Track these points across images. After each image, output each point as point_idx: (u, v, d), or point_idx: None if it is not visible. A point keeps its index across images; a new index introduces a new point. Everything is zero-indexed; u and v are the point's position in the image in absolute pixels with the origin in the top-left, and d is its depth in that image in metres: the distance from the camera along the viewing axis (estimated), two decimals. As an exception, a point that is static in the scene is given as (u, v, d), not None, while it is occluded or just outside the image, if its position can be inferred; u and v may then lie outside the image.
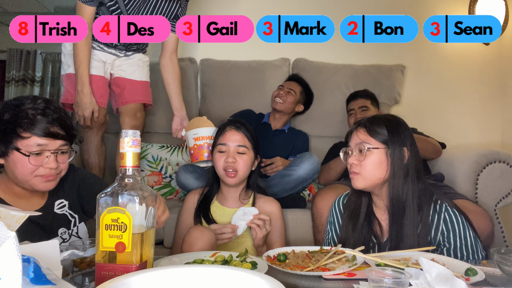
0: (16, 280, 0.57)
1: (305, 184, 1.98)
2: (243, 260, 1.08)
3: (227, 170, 1.52)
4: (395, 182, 1.27)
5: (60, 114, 1.18)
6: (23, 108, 1.13)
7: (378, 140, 1.29)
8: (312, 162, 1.95)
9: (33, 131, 1.12)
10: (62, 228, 1.34)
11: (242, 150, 1.54)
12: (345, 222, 1.38)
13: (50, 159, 1.14)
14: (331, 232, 1.45)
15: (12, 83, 6.58)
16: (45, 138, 1.13)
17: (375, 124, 1.31)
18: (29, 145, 1.13)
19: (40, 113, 1.13)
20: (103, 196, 0.84)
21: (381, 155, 1.28)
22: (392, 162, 1.27)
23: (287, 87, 2.40)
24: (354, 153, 1.31)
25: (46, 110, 1.15)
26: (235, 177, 1.53)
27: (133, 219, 0.82)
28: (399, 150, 1.27)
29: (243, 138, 1.56)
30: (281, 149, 2.28)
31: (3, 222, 0.93)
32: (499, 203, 2.00)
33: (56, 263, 0.83)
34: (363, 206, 1.37)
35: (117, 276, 0.75)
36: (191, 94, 2.57)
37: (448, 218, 1.27)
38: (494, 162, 1.99)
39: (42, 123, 1.13)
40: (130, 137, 0.84)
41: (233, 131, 1.57)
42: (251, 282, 0.75)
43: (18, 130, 1.12)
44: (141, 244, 0.83)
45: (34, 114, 1.12)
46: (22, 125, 1.11)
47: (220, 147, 1.56)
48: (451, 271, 0.84)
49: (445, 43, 2.77)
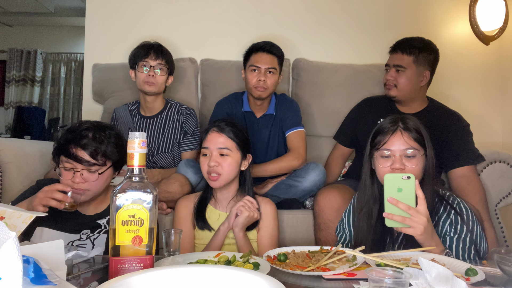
0: (16, 280, 0.57)
1: (310, 195, 1.97)
2: (246, 260, 1.08)
3: (210, 174, 1.51)
4: (428, 184, 1.31)
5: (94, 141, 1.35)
6: (69, 130, 1.40)
7: (420, 144, 1.33)
8: (318, 174, 1.93)
9: (63, 153, 1.36)
10: (86, 230, 1.39)
11: (224, 152, 1.52)
12: (361, 220, 1.39)
13: (75, 175, 1.34)
14: (347, 229, 1.48)
15: (12, 83, 6.59)
16: (70, 159, 1.34)
17: (413, 126, 1.34)
18: (62, 162, 1.37)
19: (71, 139, 1.35)
20: (118, 194, 0.89)
21: (423, 159, 1.33)
22: (427, 165, 1.32)
23: (264, 66, 2.06)
24: (400, 159, 1.31)
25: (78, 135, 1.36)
26: (217, 180, 1.50)
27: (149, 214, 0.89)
28: (431, 152, 1.33)
29: (226, 140, 1.53)
30: (272, 138, 2.17)
31: (8, 223, 0.94)
32: (499, 203, 2.00)
33: (61, 263, 0.84)
34: (375, 204, 1.38)
35: (119, 276, 0.75)
36: (191, 94, 2.57)
37: (459, 210, 1.31)
38: (495, 162, 1.99)
39: (70, 147, 1.34)
40: (139, 138, 0.91)
41: (214, 134, 1.54)
42: (251, 282, 0.75)
43: (57, 151, 1.38)
44: (155, 236, 0.91)
45: (66, 139, 1.36)
46: (59, 147, 1.37)
47: (204, 151, 1.55)
48: (451, 271, 0.84)
49: (445, 42, 2.78)
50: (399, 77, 2.01)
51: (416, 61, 2.01)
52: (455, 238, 1.28)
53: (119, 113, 2.25)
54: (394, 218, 1.17)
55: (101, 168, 1.37)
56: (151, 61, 2.09)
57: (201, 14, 2.72)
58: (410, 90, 2.03)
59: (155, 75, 2.09)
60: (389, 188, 1.19)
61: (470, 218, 1.31)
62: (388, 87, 2.06)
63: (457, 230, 1.29)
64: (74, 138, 1.35)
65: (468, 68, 2.82)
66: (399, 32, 2.49)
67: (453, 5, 2.80)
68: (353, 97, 2.39)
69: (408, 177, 1.17)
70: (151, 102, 2.18)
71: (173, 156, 2.20)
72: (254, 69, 2.07)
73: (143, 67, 2.09)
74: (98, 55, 2.65)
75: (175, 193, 1.80)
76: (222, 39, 2.72)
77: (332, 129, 2.43)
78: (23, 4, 5.73)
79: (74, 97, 6.77)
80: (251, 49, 2.14)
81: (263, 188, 1.99)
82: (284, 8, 2.76)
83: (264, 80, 2.04)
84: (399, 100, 2.07)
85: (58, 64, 6.80)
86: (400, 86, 2.02)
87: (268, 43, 2.13)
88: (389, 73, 2.05)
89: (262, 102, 2.15)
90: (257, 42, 2.15)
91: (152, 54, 2.10)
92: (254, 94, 2.09)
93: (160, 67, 2.10)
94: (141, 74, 2.09)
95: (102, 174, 1.38)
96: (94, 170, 1.36)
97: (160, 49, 2.14)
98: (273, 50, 2.10)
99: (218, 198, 1.59)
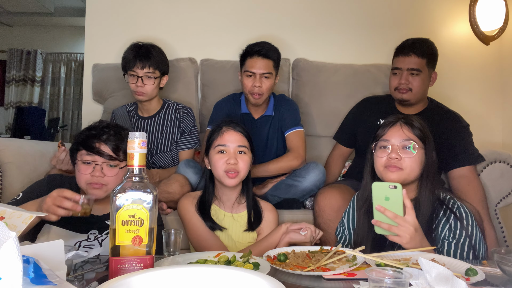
0: (16, 280, 0.57)
1: (310, 194, 1.97)
2: (246, 260, 1.08)
3: (228, 171, 1.49)
4: (427, 181, 1.32)
5: (115, 138, 1.40)
6: (89, 128, 1.45)
7: (421, 140, 1.33)
8: (317, 173, 1.93)
9: (85, 147, 1.40)
10: (94, 230, 1.39)
11: (242, 150, 1.52)
12: (361, 218, 1.40)
13: (96, 169, 1.38)
14: (347, 230, 1.48)
15: (12, 83, 6.59)
16: (92, 153, 1.38)
17: (417, 122, 1.35)
18: (82, 155, 1.41)
19: (93, 135, 1.40)
20: (118, 194, 0.89)
21: (422, 155, 1.32)
22: (426, 162, 1.32)
23: (260, 72, 2.04)
24: (398, 149, 1.32)
25: (100, 131, 1.41)
26: (235, 177, 1.49)
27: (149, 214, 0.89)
28: (431, 152, 1.33)
29: (242, 138, 1.54)
30: (271, 139, 2.16)
31: (8, 223, 0.94)
32: (499, 203, 2.00)
33: (61, 263, 0.84)
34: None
35: (119, 276, 0.75)
36: (191, 94, 2.57)
37: (459, 215, 1.30)
38: (495, 162, 1.99)
39: (93, 141, 1.39)
40: (139, 138, 0.91)
41: (231, 132, 1.53)
42: (251, 282, 0.75)
43: (78, 146, 1.42)
44: (154, 236, 0.91)
45: (87, 135, 1.41)
46: (80, 141, 1.41)
47: (221, 148, 1.52)
48: (451, 271, 0.84)
49: (445, 42, 2.78)
50: (414, 80, 1.99)
51: (428, 64, 2.00)
52: (453, 243, 1.27)
53: (117, 114, 2.25)
54: (382, 225, 1.19)
55: (121, 163, 1.40)
56: (138, 71, 2.07)
57: (201, 14, 2.72)
58: (423, 93, 2.03)
59: (143, 85, 2.07)
60: (377, 196, 1.21)
61: (470, 223, 1.30)
62: (402, 91, 2.01)
63: (455, 235, 1.28)
64: (97, 133, 1.40)
65: (468, 68, 2.82)
66: (399, 32, 2.50)
67: (453, 5, 2.80)
68: (353, 97, 2.39)
69: (395, 186, 1.18)
70: (147, 105, 2.18)
71: (172, 155, 2.20)
72: (249, 74, 2.06)
73: (131, 76, 2.09)
74: (98, 55, 2.65)
75: (175, 193, 1.80)
76: (222, 39, 2.72)
77: (331, 129, 2.43)
78: (23, 4, 5.73)
79: (74, 97, 6.77)
80: (246, 52, 2.10)
81: (263, 188, 1.99)
82: (284, 8, 2.76)
83: (260, 86, 2.04)
84: (411, 103, 2.05)
85: (58, 64, 6.80)
86: (415, 90, 1.99)
87: (263, 46, 2.07)
88: (403, 77, 2.00)
89: (259, 105, 2.15)
90: (253, 43, 2.11)
91: (139, 63, 2.06)
92: (250, 101, 2.10)
93: (148, 76, 2.08)
94: (131, 84, 2.09)
95: (121, 170, 1.40)
96: (114, 165, 1.39)
97: (146, 54, 2.08)
98: (269, 54, 2.06)
99: (222, 199, 1.58)
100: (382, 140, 1.35)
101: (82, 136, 1.43)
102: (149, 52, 2.10)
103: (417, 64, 1.98)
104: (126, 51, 2.14)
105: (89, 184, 1.38)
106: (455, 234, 1.28)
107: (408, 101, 2.03)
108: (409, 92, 2.00)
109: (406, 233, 1.16)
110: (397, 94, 2.04)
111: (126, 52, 2.13)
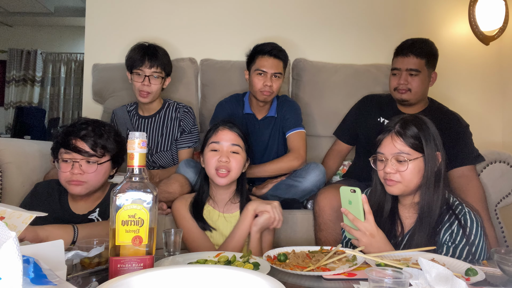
0: (16, 280, 0.57)
1: (310, 194, 1.97)
2: (246, 261, 1.08)
3: (219, 170, 1.48)
4: (428, 187, 1.30)
5: (93, 133, 1.40)
6: (68, 125, 1.45)
7: (415, 149, 1.30)
8: (318, 174, 1.92)
9: (63, 145, 1.40)
10: None
11: (235, 149, 1.51)
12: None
13: (74, 166, 1.38)
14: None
15: (12, 83, 6.58)
16: (69, 150, 1.38)
17: (409, 130, 1.32)
18: (61, 153, 1.41)
19: (70, 132, 1.40)
20: (118, 194, 0.89)
21: (420, 163, 1.31)
22: (426, 169, 1.30)
23: (271, 71, 2.05)
24: (391, 163, 1.31)
25: (78, 128, 1.41)
26: (226, 177, 1.48)
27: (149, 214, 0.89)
28: (433, 156, 1.31)
29: (237, 137, 1.54)
30: (272, 140, 2.17)
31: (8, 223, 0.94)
32: (499, 203, 2.00)
33: (61, 263, 0.84)
34: (387, 204, 1.39)
35: (119, 276, 0.75)
36: (191, 94, 2.57)
37: (463, 222, 1.28)
38: (495, 162, 1.99)
39: (70, 139, 1.39)
40: (139, 138, 0.90)
41: (226, 130, 1.54)
42: (251, 282, 0.75)
43: (57, 144, 1.42)
44: (154, 236, 0.91)
45: (65, 133, 1.41)
46: (58, 140, 1.42)
47: (213, 146, 1.52)
48: (451, 271, 0.84)
49: (445, 42, 2.78)
50: (413, 81, 1.98)
51: (427, 64, 2.00)
52: (452, 247, 1.26)
53: (117, 114, 2.25)
54: (345, 228, 1.27)
55: (100, 159, 1.40)
56: (146, 70, 2.06)
57: (201, 14, 2.72)
58: (422, 93, 2.03)
59: (150, 84, 2.07)
60: (343, 200, 1.28)
61: (474, 231, 1.27)
62: (401, 91, 2.01)
63: (455, 241, 1.26)
64: (74, 130, 1.40)
65: (468, 68, 2.82)
66: (399, 32, 2.50)
67: (453, 5, 2.80)
68: (353, 97, 2.39)
69: (354, 190, 1.23)
70: (148, 104, 2.18)
71: (172, 154, 2.20)
72: (260, 73, 2.06)
73: (137, 75, 2.08)
74: (98, 55, 2.65)
75: (175, 193, 1.80)
76: (222, 39, 2.72)
77: (331, 129, 2.43)
78: (23, 4, 5.73)
79: (74, 97, 6.77)
80: (257, 51, 2.10)
81: (263, 188, 1.99)
82: (284, 8, 2.76)
83: (271, 85, 2.05)
84: (410, 103, 2.05)
85: (58, 64, 6.80)
86: (414, 90, 1.99)
87: (275, 47, 2.09)
88: (402, 77, 2.00)
89: (264, 104, 2.15)
90: (263, 43, 2.11)
91: (147, 62, 2.06)
92: (259, 97, 2.09)
93: (155, 75, 2.08)
94: (136, 82, 2.09)
95: (101, 166, 1.40)
96: (93, 162, 1.39)
97: (154, 54, 2.09)
98: (280, 55, 2.08)
99: (216, 198, 1.57)
100: (378, 152, 1.36)
101: (61, 133, 1.42)
102: (156, 52, 2.11)
103: (416, 65, 1.99)
104: (132, 50, 2.13)
105: (68, 181, 1.39)
106: (455, 240, 1.26)
107: (407, 101, 2.03)
108: (408, 92, 2.00)
109: (363, 238, 1.21)
110: (396, 94, 2.05)
111: (132, 51, 2.13)
